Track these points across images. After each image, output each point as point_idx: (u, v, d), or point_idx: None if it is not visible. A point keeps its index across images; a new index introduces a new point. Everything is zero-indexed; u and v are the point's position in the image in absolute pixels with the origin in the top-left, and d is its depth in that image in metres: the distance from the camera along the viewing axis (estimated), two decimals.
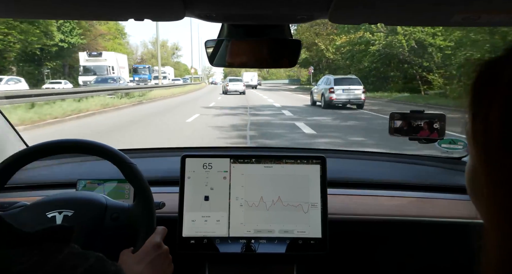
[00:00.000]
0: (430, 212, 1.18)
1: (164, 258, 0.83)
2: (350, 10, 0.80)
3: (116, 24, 43.78)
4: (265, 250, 1.05)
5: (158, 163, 1.57)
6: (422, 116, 1.32)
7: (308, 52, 42.44)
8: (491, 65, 0.36)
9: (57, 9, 0.81)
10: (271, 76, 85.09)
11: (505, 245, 0.33)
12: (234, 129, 8.72)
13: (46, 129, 8.60)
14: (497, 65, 0.35)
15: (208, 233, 1.05)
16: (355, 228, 1.18)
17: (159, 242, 0.84)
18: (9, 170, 0.84)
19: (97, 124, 9.89)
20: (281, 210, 1.06)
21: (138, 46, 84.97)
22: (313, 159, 1.09)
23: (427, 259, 1.20)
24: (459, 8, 0.75)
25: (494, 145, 0.34)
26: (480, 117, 0.35)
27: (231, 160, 1.09)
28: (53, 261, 0.40)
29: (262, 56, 1.00)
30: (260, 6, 0.80)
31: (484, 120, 0.35)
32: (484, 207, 0.37)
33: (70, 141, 0.89)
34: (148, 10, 0.80)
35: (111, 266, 0.46)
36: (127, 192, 1.15)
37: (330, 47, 34.91)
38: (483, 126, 0.35)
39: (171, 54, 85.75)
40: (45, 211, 0.85)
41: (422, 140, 1.36)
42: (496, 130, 0.33)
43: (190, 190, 1.07)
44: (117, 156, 0.88)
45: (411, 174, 1.43)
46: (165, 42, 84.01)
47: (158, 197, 0.99)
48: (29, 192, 1.27)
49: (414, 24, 0.95)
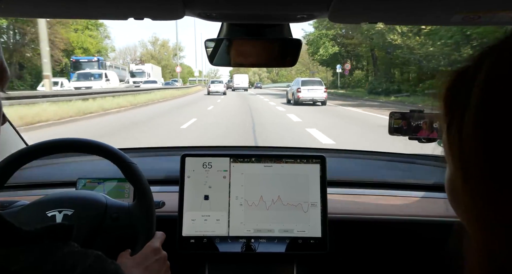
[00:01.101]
0: (430, 212, 1.18)
1: (162, 264, 0.83)
2: (350, 9, 0.80)
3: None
4: (265, 250, 1.05)
5: (158, 163, 1.57)
6: (422, 116, 1.32)
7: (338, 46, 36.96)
8: (461, 75, 0.35)
9: (56, 8, 0.81)
10: (281, 78, 78.93)
11: (484, 253, 0.33)
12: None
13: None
14: (468, 74, 0.34)
15: (208, 233, 1.05)
16: (355, 227, 1.18)
17: (158, 247, 0.84)
18: (9, 169, 0.84)
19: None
20: (281, 209, 1.06)
21: (136, 46, 78.26)
22: (313, 159, 1.09)
23: (427, 258, 1.20)
24: (459, 7, 0.75)
25: (470, 155, 0.33)
26: (454, 128, 0.35)
27: (231, 160, 1.09)
28: (53, 259, 0.40)
29: (262, 56, 1.00)
30: (260, 6, 0.80)
31: (458, 132, 0.34)
32: (464, 218, 0.36)
33: (70, 140, 0.89)
34: (148, 9, 0.80)
35: (111, 265, 0.46)
36: (127, 191, 1.15)
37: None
38: (458, 137, 0.34)
39: (172, 55, 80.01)
40: (45, 210, 0.85)
41: (422, 140, 1.36)
42: (471, 141, 0.32)
43: (190, 189, 1.07)
44: (117, 155, 0.88)
45: (411, 174, 1.43)
46: (166, 41, 77.52)
47: (158, 197, 0.99)
48: (29, 191, 1.27)
49: (414, 23, 0.96)
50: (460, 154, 0.34)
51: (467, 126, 0.32)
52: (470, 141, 0.32)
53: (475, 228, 0.34)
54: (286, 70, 72.21)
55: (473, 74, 0.33)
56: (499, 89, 0.31)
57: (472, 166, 0.32)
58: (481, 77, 0.32)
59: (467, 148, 0.33)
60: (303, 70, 66.01)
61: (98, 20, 41.78)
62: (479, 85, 0.32)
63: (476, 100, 0.32)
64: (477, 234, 0.33)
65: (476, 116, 0.32)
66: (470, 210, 0.33)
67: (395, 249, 1.22)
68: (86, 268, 0.41)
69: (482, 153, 0.31)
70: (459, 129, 0.33)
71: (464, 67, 0.35)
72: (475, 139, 0.32)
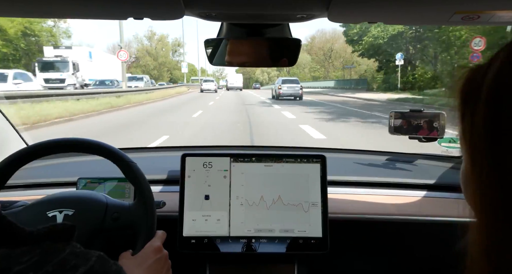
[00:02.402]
0: (430, 211, 1.18)
1: (163, 263, 0.83)
2: (349, 9, 0.80)
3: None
4: (266, 250, 1.05)
5: (158, 162, 1.57)
6: (422, 115, 1.33)
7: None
8: (476, 72, 0.40)
9: (55, 8, 0.81)
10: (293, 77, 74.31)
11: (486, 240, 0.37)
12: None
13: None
14: (481, 72, 0.39)
15: (209, 233, 1.05)
16: (355, 227, 1.18)
17: (159, 246, 0.84)
18: (10, 169, 0.84)
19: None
20: (282, 209, 1.06)
21: (130, 42, 68.65)
22: (313, 158, 1.09)
23: (427, 258, 1.20)
24: (458, 7, 0.75)
25: (478, 143, 0.38)
26: (467, 118, 0.40)
27: (231, 159, 1.09)
28: (55, 260, 0.40)
29: (262, 55, 1.00)
30: (259, 5, 0.80)
31: (471, 121, 0.39)
32: (471, 202, 0.41)
33: (71, 140, 0.89)
34: (147, 9, 0.80)
35: (112, 266, 0.46)
36: (127, 191, 1.15)
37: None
38: (470, 126, 0.39)
39: (171, 51, 71.99)
40: (45, 210, 0.85)
41: (422, 139, 1.36)
42: (480, 130, 0.37)
43: (190, 189, 1.07)
44: (117, 154, 0.88)
45: (411, 174, 1.43)
46: (165, 36, 70.65)
47: (158, 196, 0.99)
48: (29, 191, 1.27)
49: (413, 23, 0.96)
50: (470, 141, 0.39)
51: (477, 117, 0.38)
52: (479, 130, 0.37)
53: (479, 210, 0.38)
54: (299, 68, 66.30)
55: (485, 71, 0.38)
56: (505, 86, 0.36)
57: (478, 153, 0.38)
58: (491, 74, 0.37)
59: (476, 136, 0.38)
60: (317, 68, 60.86)
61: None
62: (488, 81, 0.37)
63: (485, 95, 0.37)
64: (482, 216, 0.38)
65: (485, 109, 0.37)
66: (477, 194, 0.38)
67: (395, 249, 1.22)
68: (88, 268, 0.41)
69: (488, 141, 0.36)
70: (471, 120, 0.39)
71: (479, 65, 0.40)
72: (483, 129, 0.37)
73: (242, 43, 0.99)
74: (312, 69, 61.58)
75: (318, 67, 60.30)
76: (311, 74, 62.87)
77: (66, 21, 34.73)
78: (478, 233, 0.38)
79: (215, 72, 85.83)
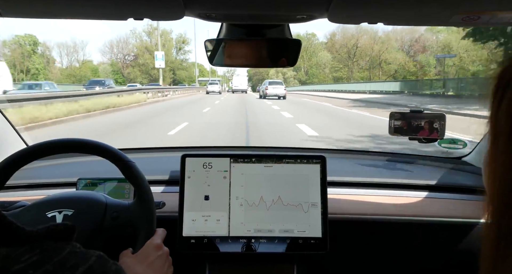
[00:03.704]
0: (430, 212, 1.18)
1: (165, 260, 0.83)
2: (349, 10, 0.80)
3: None
4: (265, 250, 1.05)
5: (158, 163, 1.57)
6: (422, 116, 1.32)
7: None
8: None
9: (55, 8, 0.81)
10: (310, 79, 59.77)
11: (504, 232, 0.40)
12: None
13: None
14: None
15: (209, 233, 1.05)
16: (355, 227, 1.18)
17: (159, 243, 0.84)
18: (9, 170, 0.84)
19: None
20: (281, 209, 1.06)
21: (128, 37, 64.99)
22: (313, 159, 1.09)
23: (427, 259, 1.20)
24: (459, 8, 0.75)
25: (501, 124, 0.42)
26: (496, 102, 0.44)
27: (231, 160, 1.09)
28: (54, 259, 0.40)
29: (262, 56, 1.00)
30: (259, 6, 0.80)
31: (498, 106, 0.43)
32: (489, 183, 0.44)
33: (70, 140, 0.89)
34: (148, 9, 0.80)
35: (112, 266, 0.46)
36: (127, 191, 1.15)
37: None
38: (496, 109, 0.43)
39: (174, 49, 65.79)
40: (45, 210, 0.85)
41: (422, 140, 1.36)
42: (505, 113, 0.42)
43: (190, 189, 1.07)
44: (116, 155, 0.88)
45: (411, 174, 1.43)
46: (168, 32, 65.11)
47: (158, 197, 0.99)
48: (29, 191, 1.27)
49: (413, 24, 0.95)
50: (495, 123, 0.44)
51: (504, 103, 0.42)
52: (505, 113, 0.42)
53: (494, 194, 0.42)
54: (318, 69, 58.18)
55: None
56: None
57: (500, 134, 0.42)
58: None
59: (501, 118, 0.42)
60: (340, 67, 53.11)
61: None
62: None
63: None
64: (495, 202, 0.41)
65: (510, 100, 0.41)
66: (496, 176, 0.42)
67: (395, 250, 1.22)
68: (87, 268, 0.41)
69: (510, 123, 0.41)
70: (499, 104, 0.43)
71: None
72: (506, 113, 0.41)
73: (242, 44, 0.99)
74: (333, 69, 54.41)
75: (341, 66, 53.50)
76: (332, 74, 54.72)
77: None
78: (489, 225, 0.41)
79: (226, 73, 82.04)
